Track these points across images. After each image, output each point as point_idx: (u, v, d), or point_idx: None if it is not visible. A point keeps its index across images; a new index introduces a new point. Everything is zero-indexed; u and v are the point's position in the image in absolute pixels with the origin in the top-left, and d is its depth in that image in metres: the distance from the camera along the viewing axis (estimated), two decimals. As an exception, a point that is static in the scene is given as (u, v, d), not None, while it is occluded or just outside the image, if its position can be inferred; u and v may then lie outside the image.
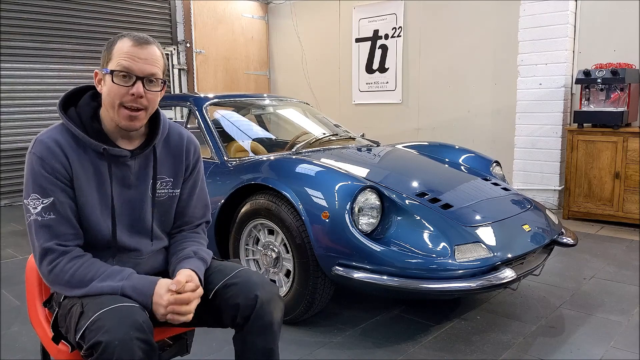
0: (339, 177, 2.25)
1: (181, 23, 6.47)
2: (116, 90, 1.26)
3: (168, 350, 1.49)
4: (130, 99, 1.26)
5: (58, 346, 1.30)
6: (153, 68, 1.28)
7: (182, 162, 1.45)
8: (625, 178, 3.98)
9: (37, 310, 1.43)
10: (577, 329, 2.30)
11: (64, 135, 1.29)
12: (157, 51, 1.30)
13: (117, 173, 1.33)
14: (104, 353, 1.08)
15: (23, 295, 2.74)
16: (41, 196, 1.24)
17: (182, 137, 1.46)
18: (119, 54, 1.26)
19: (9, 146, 5.26)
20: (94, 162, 1.30)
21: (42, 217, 1.24)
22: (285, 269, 2.35)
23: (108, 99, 1.28)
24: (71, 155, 1.27)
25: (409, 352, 2.10)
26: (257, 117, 3.76)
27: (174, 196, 1.45)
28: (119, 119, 1.28)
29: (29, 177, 1.26)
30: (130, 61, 1.25)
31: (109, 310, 1.15)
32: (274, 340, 1.32)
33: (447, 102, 5.55)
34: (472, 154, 3.20)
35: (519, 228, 2.31)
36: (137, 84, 1.26)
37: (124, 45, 1.27)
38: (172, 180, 1.43)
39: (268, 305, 1.30)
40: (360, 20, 6.20)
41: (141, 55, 1.26)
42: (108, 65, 1.27)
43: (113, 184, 1.32)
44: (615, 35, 4.33)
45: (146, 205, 1.39)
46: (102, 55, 1.31)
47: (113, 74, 1.25)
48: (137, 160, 1.36)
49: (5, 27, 5.09)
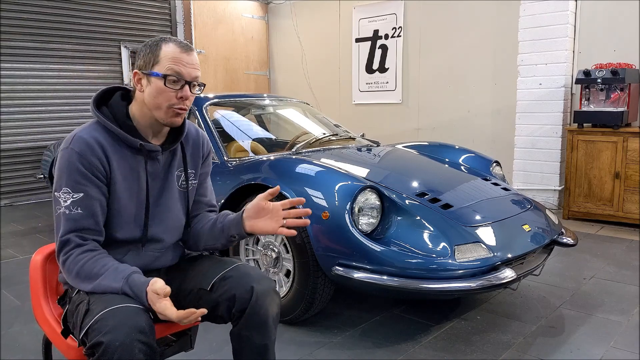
0: (339, 177, 2.26)
1: (181, 23, 6.47)
2: (166, 94, 1.32)
3: (172, 347, 1.49)
4: (177, 101, 1.33)
5: (66, 340, 1.32)
6: (197, 72, 1.37)
7: (199, 155, 1.53)
8: (625, 178, 3.98)
9: (43, 307, 1.44)
10: (577, 329, 2.30)
11: (101, 133, 1.34)
12: (197, 57, 1.40)
13: (150, 168, 1.40)
14: (105, 354, 1.08)
15: (23, 295, 2.74)
16: (72, 190, 1.29)
17: (197, 131, 1.56)
18: (168, 58, 1.32)
19: (9, 146, 5.26)
20: (129, 158, 1.36)
21: (70, 210, 1.28)
22: (285, 269, 2.35)
23: (154, 101, 1.33)
24: (109, 151, 1.33)
25: (409, 352, 2.10)
26: (257, 117, 3.76)
27: (195, 187, 1.54)
28: (163, 117, 1.35)
29: (64, 170, 1.29)
30: (180, 66, 1.32)
31: (113, 310, 1.16)
32: (270, 335, 1.34)
33: (447, 102, 5.55)
34: (472, 154, 3.20)
35: (519, 228, 2.31)
36: (185, 88, 1.33)
37: (172, 50, 1.33)
38: (194, 172, 1.52)
39: (264, 298, 1.32)
40: (360, 20, 6.20)
41: (188, 61, 1.34)
42: (154, 68, 1.32)
43: (148, 178, 1.39)
44: (615, 35, 4.33)
45: (174, 198, 1.47)
46: (144, 57, 1.35)
47: (165, 78, 1.31)
48: (165, 154, 1.44)
49: (5, 27, 5.09)
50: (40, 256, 1.50)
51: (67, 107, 5.62)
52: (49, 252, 1.50)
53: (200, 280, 1.41)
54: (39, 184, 5.40)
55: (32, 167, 5.39)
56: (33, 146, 5.41)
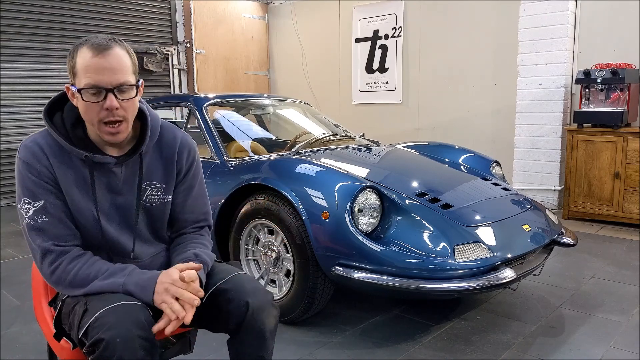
0: (339, 177, 2.25)
1: (181, 23, 6.47)
2: (90, 108, 1.21)
3: (171, 349, 1.49)
4: (105, 114, 1.21)
5: (60, 343, 1.32)
6: (121, 76, 1.20)
7: (173, 167, 1.40)
8: (625, 178, 3.98)
9: (43, 308, 1.44)
10: (577, 329, 2.30)
11: (47, 139, 1.27)
12: (120, 54, 1.21)
13: (102, 179, 1.31)
14: (106, 350, 1.08)
15: (23, 295, 2.74)
16: (32, 200, 1.25)
17: (175, 140, 1.41)
18: (82, 69, 1.19)
19: (9, 146, 5.26)
20: (77, 168, 1.28)
21: (34, 220, 1.25)
22: (285, 269, 2.35)
23: (86, 117, 1.24)
24: (53, 159, 1.26)
25: (409, 352, 2.10)
26: (257, 117, 3.76)
27: (166, 202, 1.41)
28: (101, 135, 1.25)
29: (18, 181, 1.27)
30: (95, 75, 1.18)
31: (112, 307, 1.15)
32: (266, 348, 1.31)
33: (447, 102, 5.55)
34: (472, 154, 3.20)
35: (519, 228, 2.31)
36: (108, 97, 1.19)
37: (85, 58, 1.19)
38: (163, 187, 1.39)
39: (259, 313, 1.28)
40: (360, 20, 6.20)
41: (105, 65, 1.18)
42: (75, 82, 1.22)
43: (98, 190, 1.30)
44: (615, 35, 4.33)
45: (139, 211, 1.37)
46: (68, 68, 1.24)
47: (82, 93, 1.19)
48: (124, 167, 1.33)
49: (5, 27, 5.09)
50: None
51: (67, 107, 5.62)
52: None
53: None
54: (39, 184, 5.39)
55: (32, 167, 5.38)
56: (33, 146, 5.40)
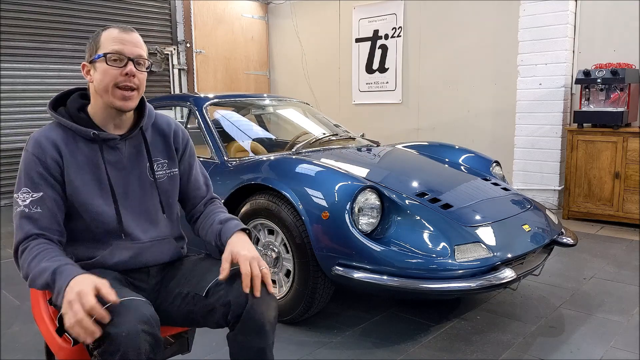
0: (339, 177, 2.25)
1: (181, 23, 6.47)
2: (111, 72, 1.34)
3: (169, 349, 1.49)
4: (123, 79, 1.34)
5: (61, 339, 1.32)
6: (140, 50, 1.38)
7: (171, 145, 1.52)
8: (625, 178, 3.98)
9: (41, 307, 1.44)
10: (577, 329, 2.30)
11: (56, 131, 1.37)
12: (140, 38, 1.41)
13: (109, 157, 1.39)
14: (112, 345, 1.09)
15: (23, 295, 2.74)
16: (32, 190, 1.30)
17: (169, 124, 1.55)
18: (108, 40, 1.35)
19: (9, 146, 5.26)
20: (85, 150, 1.37)
21: (29, 209, 1.29)
22: (285, 269, 2.35)
23: (102, 84, 1.34)
24: (63, 148, 1.34)
25: (409, 352, 2.10)
26: (257, 117, 3.76)
27: (173, 175, 1.51)
28: (113, 100, 1.35)
29: (22, 172, 1.32)
30: (120, 44, 1.35)
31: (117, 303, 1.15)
32: (267, 339, 1.31)
33: (447, 102, 5.55)
34: (472, 154, 3.20)
35: (519, 228, 2.31)
36: (129, 64, 1.35)
37: (112, 33, 1.36)
38: (166, 162, 1.50)
39: (259, 303, 1.29)
40: (360, 20, 6.20)
41: (129, 39, 1.37)
42: (97, 53, 1.36)
43: (107, 167, 1.38)
44: (615, 35, 4.33)
45: (147, 188, 1.45)
46: (89, 48, 1.40)
47: (106, 57, 1.34)
48: (127, 144, 1.43)
49: (5, 27, 5.09)
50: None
51: (67, 107, 5.62)
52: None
53: (195, 284, 1.39)
54: (39, 184, 5.39)
55: (32, 167, 5.39)
56: (33, 146, 5.41)
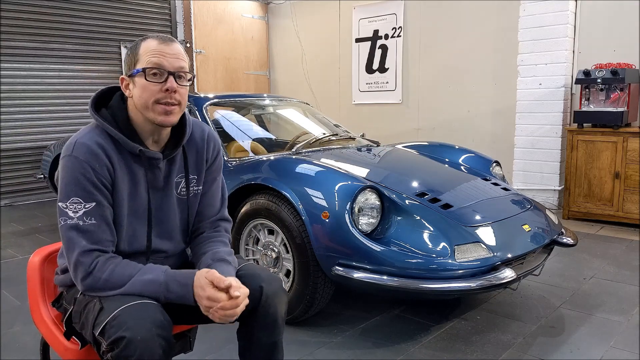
0: (339, 177, 2.25)
1: (181, 23, 6.47)
2: (150, 88, 1.26)
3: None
4: (164, 95, 1.27)
5: (68, 342, 1.32)
6: (182, 62, 1.30)
7: (203, 158, 1.45)
8: (625, 178, 3.98)
9: (41, 309, 1.44)
10: (577, 329, 2.30)
11: (103, 137, 1.28)
12: (181, 48, 1.32)
13: (150, 176, 1.34)
14: (126, 349, 1.09)
15: (23, 295, 2.74)
16: (84, 200, 1.22)
17: (204, 132, 1.47)
18: (146, 53, 1.27)
19: (9, 146, 5.26)
20: (129, 165, 1.30)
21: (83, 221, 1.22)
22: (285, 269, 2.35)
23: (141, 100, 1.27)
24: (114, 158, 1.27)
25: (409, 352, 2.10)
26: (257, 117, 3.76)
27: (198, 193, 1.46)
28: (154, 116, 1.28)
29: (71, 180, 1.23)
30: (159, 57, 1.26)
31: (130, 306, 1.15)
32: (279, 334, 1.35)
33: (447, 102, 5.55)
34: (472, 154, 3.20)
35: (519, 228, 2.31)
36: (169, 79, 1.27)
37: (150, 45, 1.28)
38: (196, 177, 1.44)
39: (273, 298, 1.32)
40: (360, 20, 6.20)
41: (169, 51, 1.28)
42: (136, 67, 1.28)
43: (149, 189, 1.33)
44: (615, 35, 4.33)
45: (173, 206, 1.40)
46: (127, 61, 1.31)
47: (145, 72, 1.26)
48: (166, 162, 1.37)
49: (5, 27, 5.09)
50: (38, 257, 1.48)
51: (67, 107, 5.62)
52: (47, 253, 1.49)
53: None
54: (39, 184, 5.40)
55: (32, 167, 5.39)
56: (33, 146, 5.41)
